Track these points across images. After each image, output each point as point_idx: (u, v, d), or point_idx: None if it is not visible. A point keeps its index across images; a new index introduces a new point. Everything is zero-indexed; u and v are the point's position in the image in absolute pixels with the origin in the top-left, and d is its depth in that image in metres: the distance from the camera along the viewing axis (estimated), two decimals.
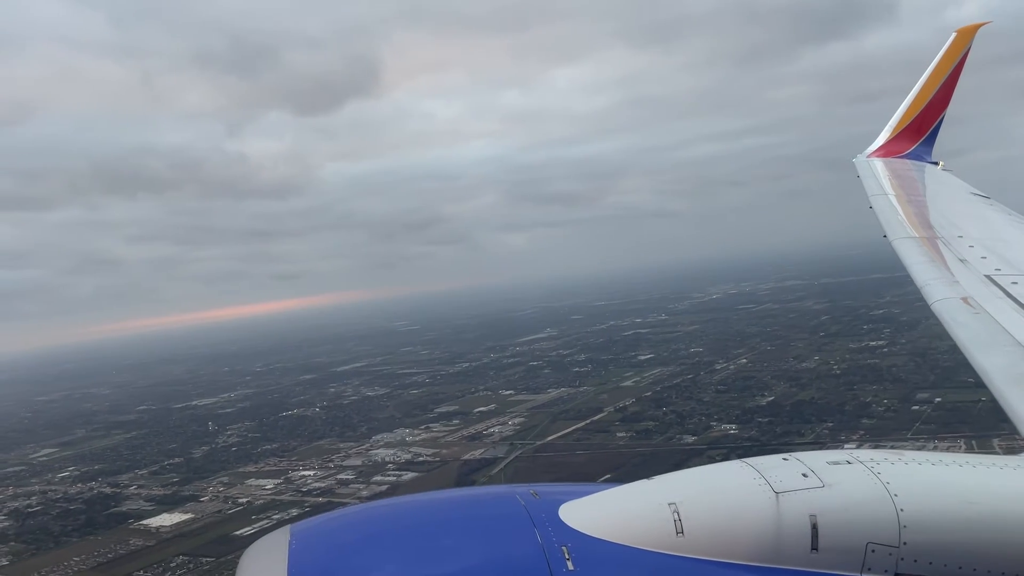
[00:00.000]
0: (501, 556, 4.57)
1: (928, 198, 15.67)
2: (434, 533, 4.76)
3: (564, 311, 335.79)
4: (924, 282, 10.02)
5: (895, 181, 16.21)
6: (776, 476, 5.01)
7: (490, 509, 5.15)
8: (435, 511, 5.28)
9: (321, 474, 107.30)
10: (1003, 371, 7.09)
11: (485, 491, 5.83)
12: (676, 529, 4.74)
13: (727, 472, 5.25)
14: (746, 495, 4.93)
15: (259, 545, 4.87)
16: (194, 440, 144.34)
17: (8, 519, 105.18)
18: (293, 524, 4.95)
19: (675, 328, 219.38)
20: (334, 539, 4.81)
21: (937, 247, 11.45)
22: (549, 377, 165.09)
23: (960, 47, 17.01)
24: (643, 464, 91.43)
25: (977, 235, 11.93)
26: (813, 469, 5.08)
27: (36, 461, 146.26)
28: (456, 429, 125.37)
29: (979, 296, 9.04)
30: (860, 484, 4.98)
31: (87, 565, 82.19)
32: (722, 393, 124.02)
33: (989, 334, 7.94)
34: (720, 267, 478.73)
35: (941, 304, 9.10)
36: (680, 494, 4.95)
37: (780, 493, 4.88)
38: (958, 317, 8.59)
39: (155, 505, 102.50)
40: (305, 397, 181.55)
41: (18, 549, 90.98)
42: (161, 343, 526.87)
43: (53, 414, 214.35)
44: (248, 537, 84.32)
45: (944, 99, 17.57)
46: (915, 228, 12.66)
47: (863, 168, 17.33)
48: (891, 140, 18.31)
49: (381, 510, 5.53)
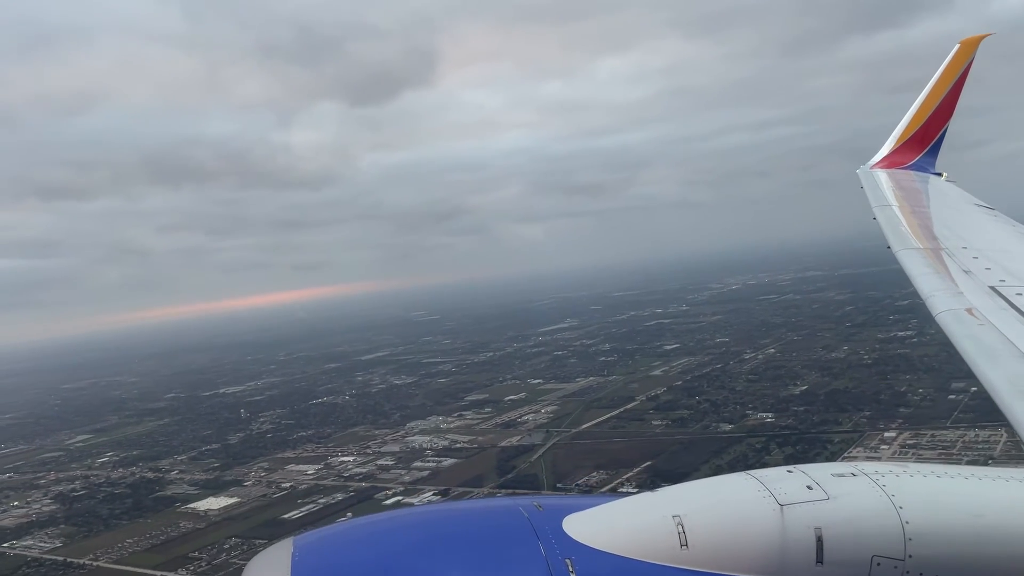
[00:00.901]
0: (504, 569, 4.59)
1: (932, 209, 15.62)
2: (437, 546, 4.76)
3: (582, 301, 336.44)
4: (928, 293, 9.96)
5: (899, 192, 16.20)
6: (781, 488, 5.03)
7: (493, 521, 5.12)
8: (439, 523, 5.29)
9: (360, 460, 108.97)
10: (1009, 383, 7.02)
11: (488, 503, 5.85)
12: (680, 542, 4.75)
13: (731, 484, 5.26)
14: (751, 507, 4.93)
15: (262, 557, 4.87)
16: (228, 427, 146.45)
17: (55, 503, 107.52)
18: (296, 536, 4.97)
19: (698, 318, 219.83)
20: (337, 551, 4.83)
21: (941, 258, 11.41)
22: (576, 366, 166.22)
23: (964, 58, 17.02)
24: (683, 452, 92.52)
25: (981, 246, 11.87)
26: (818, 481, 5.09)
27: (73, 447, 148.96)
28: (489, 417, 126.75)
29: (983, 307, 8.98)
30: (865, 497, 4.98)
31: (141, 547, 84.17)
32: (754, 382, 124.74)
33: (994, 345, 7.88)
34: (738, 258, 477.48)
35: (945, 315, 9.04)
36: (684, 506, 4.96)
37: (785, 505, 4.89)
38: (963, 328, 8.52)
39: (199, 489, 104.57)
40: (333, 385, 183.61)
41: (69, 531, 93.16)
42: (181, 332, 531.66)
43: (82, 401, 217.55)
44: (296, 521, 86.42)
45: (948, 110, 17.60)
46: (919, 239, 12.61)
47: (867, 179, 17.34)
48: (895, 151, 18.34)
49: (384, 522, 5.47)
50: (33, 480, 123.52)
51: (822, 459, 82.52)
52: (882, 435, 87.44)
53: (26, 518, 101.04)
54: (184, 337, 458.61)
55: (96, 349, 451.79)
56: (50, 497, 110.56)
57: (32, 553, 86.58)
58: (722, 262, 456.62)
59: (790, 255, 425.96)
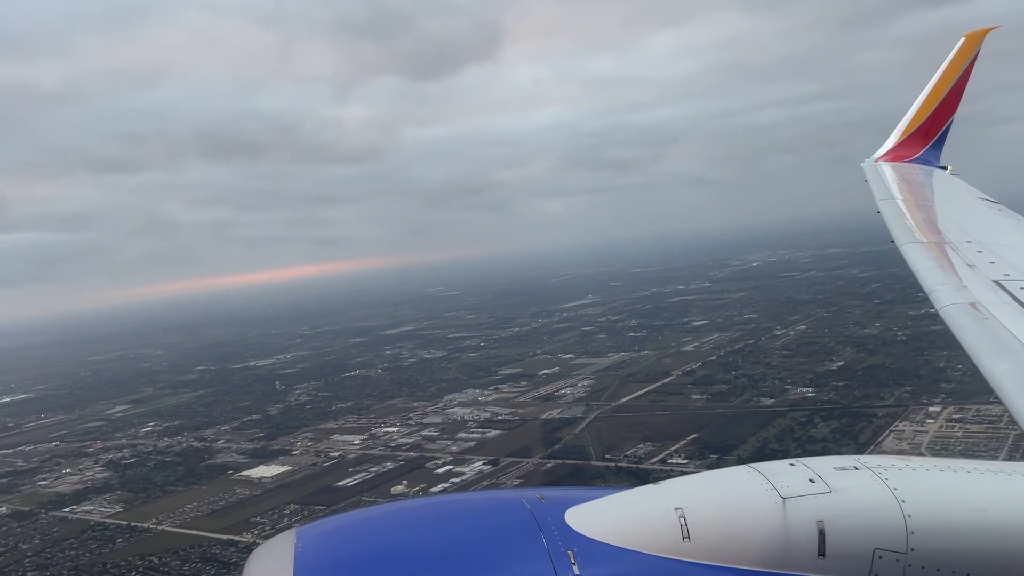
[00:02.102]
0: (507, 560, 4.61)
1: (936, 203, 15.62)
2: (440, 537, 4.81)
3: (601, 278, 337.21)
4: (932, 287, 9.92)
5: (903, 185, 16.13)
6: (783, 481, 5.04)
7: (496, 513, 5.16)
8: (442, 515, 5.34)
9: (404, 431, 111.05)
10: (1012, 377, 7.02)
11: (491, 495, 5.88)
12: (683, 534, 4.76)
13: (734, 477, 5.27)
14: (753, 500, 4.94)
15: (266, 547, 4.90)
16: (265, 398, 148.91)
17: (107, 470, 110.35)
18: (299, 527, 5.01)
19: (722, 295, 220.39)
20: (340, 542, 4.85)
21: (945, 252, 11.37)
22: (606, 342, 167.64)
23: (969, 51, 16.97)
24: (727, 425, 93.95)
25: (985, 240, 11.84)
26: (820, 475, 5.10)
27: (113, 417, 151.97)
28: (526, 390, 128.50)
29: (987, 302, 8.97)
30: (867, 490, 4.99)
31: (202, 512, 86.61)
32: (789, 358, 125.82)
33: (998, 340, 7.86)
34: (757, 235, 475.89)
35: (949, 310, 9.01)
36: (687, 499, 4.98)
37: (787, 498, 4.91)
38: (966, 323, 8.50)
39: (248, 458, 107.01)
40: (363, 359, 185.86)
41: (127, 497, 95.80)
42: (202, 305, 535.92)
43: (113, 373, 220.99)
44: (351, 488, 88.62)
45: (953, 103, 17.52)
46: (923, 233, 12.59)
47: (871, 172, 17.20)
48: (899, 144, 18.26)
49: (387, 514, 5.51)
50: (80, 448, 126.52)
51: (869, 432, 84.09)
52: (927, 409, 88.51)
53: (81, 484, 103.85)
54: (205, 310, 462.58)
55: (118, 322, 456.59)
56: (101, 464, 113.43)
57: (94, 518, 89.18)
58: (741, 239, 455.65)
59: (809, 232, 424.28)
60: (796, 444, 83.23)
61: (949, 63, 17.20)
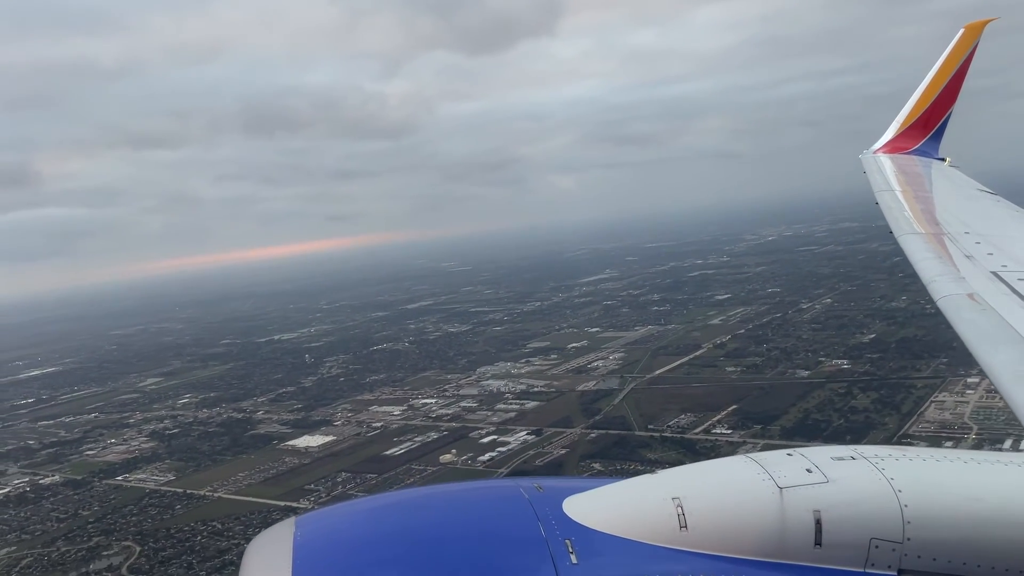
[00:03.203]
0: (505, 549, 4.65)
1: (935, 194, 15.56)
2: (438, 526, 4.84)
3: (616, 252, 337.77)
4: (930, 278, 9.95)
5: (902, 177, 16.14)
6: (780, 471, 5.07)
7: (494, 502, 5.19)
8: (440, 504, 5.36)
9: (442, 402, 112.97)
10: (1009, 368, 7.03)
11: (489, 485, 5.85)
12: (680, 523, 4.79)
13: (731, 467, 5.30)
14: (750, 490, 4.98)
15: (264, 536, 4.92)
16: (297, 371, 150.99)
17: (152, 440, 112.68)
18: (298, 516, 5.06)
19: (742, 269, 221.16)
20: (339, 531, 4.87)
21: (943, 243, 11.39)
22: (630, 316, 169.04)
23: (968, 43, 16.94)
24: (765, 396, 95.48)
25: (983, 231, 11.83)
26: (817, 464, 5.12)
27: (147, 389, 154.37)
28: (557, 363, 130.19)
29: (985, 292, 8.97)
30: (864, 480, 5.01)
31: (254, 480, 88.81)
32: (819, 331, 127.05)
33: (995, 331, 7.88)
34: (771, 209, 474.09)
35: (947, 300, 9.01)
36: (684, 488, 5.02)
37: (784, 488, 4.94)
38: (964, 314, 8.50)
39: (291, 428, 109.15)
40: (388, 333, 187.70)
41: (178, 466, 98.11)
42: (212, 281, 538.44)
43: (138, 347, 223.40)
44: (399, 457, 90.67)
45: (951, 95, 17.50)
46: (921, 224, 12.57)
47: (869, 164, 17.21)
48: (898, 136, 18.28)
49: (386, 503, 5.58)
50: (120, 419, 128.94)
51: (910, 403, 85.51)
52: (964, 380, 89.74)
53: (129, 454, 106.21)
54: (218, 285, 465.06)
55: (133, 297, 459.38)
56: (145, 435, 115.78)
57: (148, 485, 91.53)
58: (755, 213, 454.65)
59: (823, 206, 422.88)
60: (838, 415, 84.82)
61: (948, 55, 17.18)
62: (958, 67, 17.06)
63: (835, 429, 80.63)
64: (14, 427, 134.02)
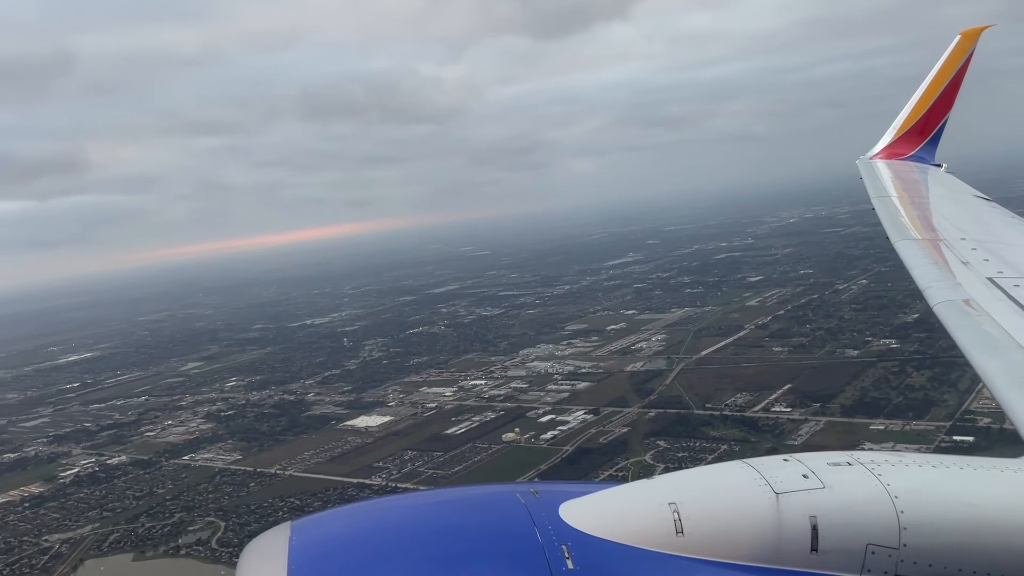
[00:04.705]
0: (501, 554, 4.64)
1: (931, 200, 15.56)
2: (435, 531, 4.83)
3: (636, 236, 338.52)
4: (926, 285, 9.95)
5: (898, 183, 16.17)
6: (777, 477, 5.08)
7: (490, 507, 5.20)
8: (436, 509, 5.38)
9: (491, 383, 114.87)
10: (1005, 374, 7.04)
11: (485, 490, 5.77)
12: (676, 529, 4.80)
13: (728, 472, 5.32)
14: (746, 495, 4.99)
15: (259, 541, 4.91)
16: (337, 355, 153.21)
17: (208, 421, 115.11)
18: (294, 521, 5.04)
19: (769, 251, 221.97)
20: (334, 536, 4.86)
21: (940, 249, 11.42)
22: (664, 298, 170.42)
23: (964, 50, 16.99)
24: (818, 375, 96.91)
25: (979, 237, 11.91)
26: (814, 470, 5.14)
27: (190, 373, 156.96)
28: (599, 345, 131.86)
29: (981, 299, 9.02)
30: (860, 486, 5.03)
31: (321, 459, 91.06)
32: (860, 311, 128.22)
33: (991, 337, 7.90)
34: (791, 191, 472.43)
35: (943, 307, 9.02)
36: (680, 494, 5.02)
37: (780, 494, 4.95)
38: (960, 320, 8.53)
39: (346, 409, 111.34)
40: (421, 316, 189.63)
41: (241, 446, 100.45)
42: (232, 267, 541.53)
43: (170, 332, 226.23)
44: (461, 436, 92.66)
45: (948, 101, 17.56)
46: (918, 230, 12.62)
47: (866, 170, 17.28)
48: (894, 142, 18.32)
49: (382, 508, 5.53)
50: (171, 402, 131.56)
51: (967, 380, 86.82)
52: None
53: (189, 435, 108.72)
54: (239, 271, 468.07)
55: (152, 284, 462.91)
56: (200, 417, 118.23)
57: (217, 464, 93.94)
58: (773, 196, 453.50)
59: (842, 188, 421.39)
60: (896, 393, 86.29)
61: (944, 61, 17.21)
62: (954, 73, 17.15)
63: (896, 406, 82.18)
64: (67, 410, 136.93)
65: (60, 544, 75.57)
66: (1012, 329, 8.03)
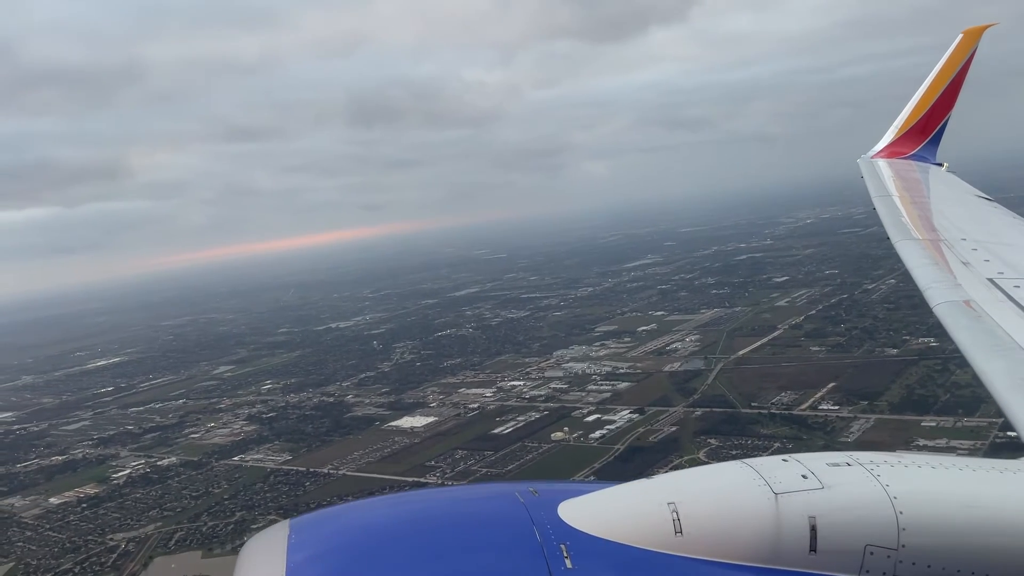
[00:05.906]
0: (500, 553, 4.64)
1: (932, 200, 15.52)
2: (433, 530, 4.84)
3: (652, 238, 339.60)
4: (926, 285, 9.93)
5: (899, 182, 16.11)
6: (776, 477, 5.10)
7: (489, 506, 5.22)
8: (435, 508, 5.41)
9: (530, 384, 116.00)
10: (1005, 376, 7.05)
11: (484, 488, 5.81)
12: (675, 528, 4.81)
13: (727, 472, 5.35)
14: (745, 495, 5.01)
15: (258, 539, 4.95)
16: (369, 357, 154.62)
17: (251, 423, 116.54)
18: (292, 519, 5.06)
19: (790, 252, 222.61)
20: (333, 535, 4.86)
21: (940, 250, 11.37)
22: (691, 299, 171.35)
23: (966, 48, 17.00)
24: (861, 374, 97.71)
25: (980, 238, 11.85)
26: (813, 471, 5.16)
27: (223, 376, 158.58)
28: (634, 346, 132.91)
29: (981, 300, 8.98)
30: (859, 486, 5.05)
31: (372, 458, 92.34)
32: (893, 311, 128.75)
33: (991, 338, 7.88)
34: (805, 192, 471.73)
35: (943, 308, 8.99)
36: (679, 494, 5.04)
37: (779, 494, 4.97)
38: (960, 321, 8.49)
39: (388, 411, 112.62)
40: (446, 319, 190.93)
41: (289, 447, 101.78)
42: (247, 271, 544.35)
43: (195, 337, 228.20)
44: (508, 436, 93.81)
45: (950, 100, 17.59)
46: (918, 230, 12.57)
47: (867, 169, 17.25)
48: (896, 141, 18.32)
49: (380, 506, 5.53)
50: (210, 405, 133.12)
51: None
52: None
53: (234, 436, 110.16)
54: (254, 275, 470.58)
55: (167, 289, 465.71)
56: (242, 419, 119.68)
57: (268, 465, 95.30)
58: (786, 197, 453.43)
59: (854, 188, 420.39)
60: (943, 390, 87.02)
61: (946, 60, 17.23)
62: (956, 72, 17.16)
63: (944, 403, 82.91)
64: (106, 413, 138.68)
65: (125, 543, 77.02)
66: (1012, 330, 7.98)
